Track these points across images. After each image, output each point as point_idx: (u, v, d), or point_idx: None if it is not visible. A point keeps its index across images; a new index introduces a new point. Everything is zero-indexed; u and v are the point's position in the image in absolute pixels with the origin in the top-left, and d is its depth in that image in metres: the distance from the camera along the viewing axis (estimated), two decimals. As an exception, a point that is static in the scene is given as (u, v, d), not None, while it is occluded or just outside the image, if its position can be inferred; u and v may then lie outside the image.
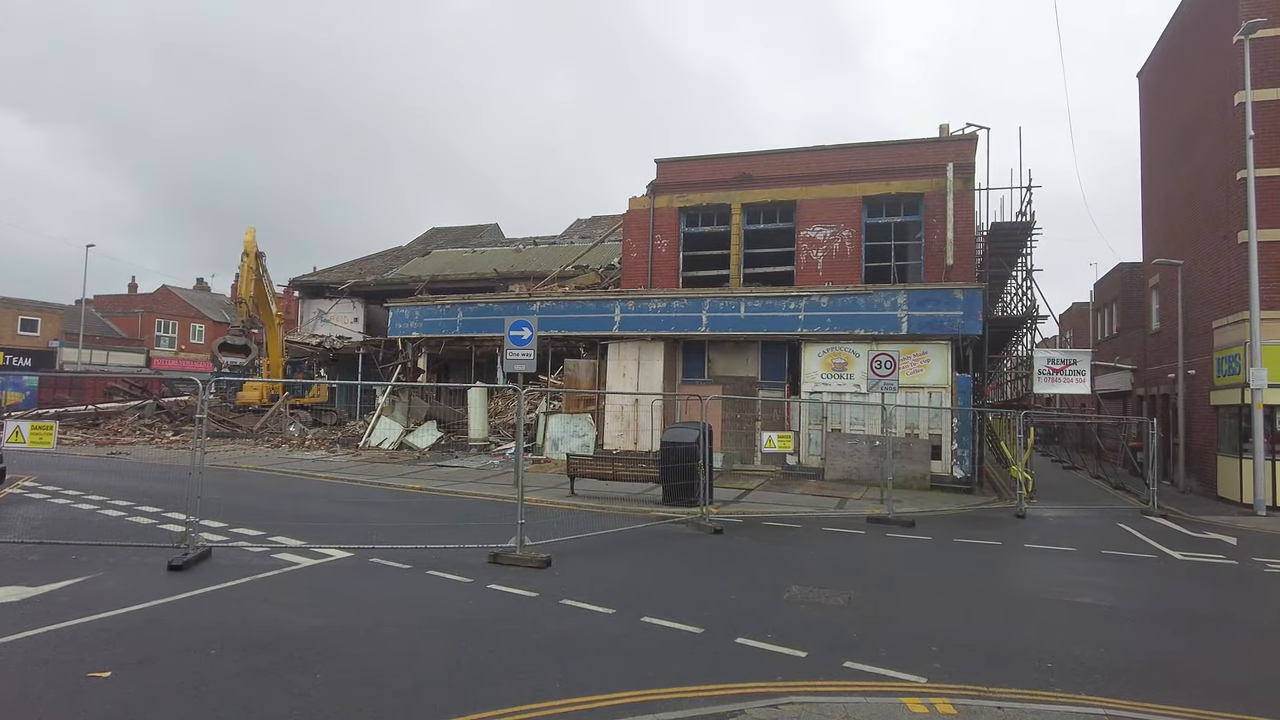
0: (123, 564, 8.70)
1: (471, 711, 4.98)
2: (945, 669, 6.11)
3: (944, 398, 19.09)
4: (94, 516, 11.93)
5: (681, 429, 15.20)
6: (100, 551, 9.22)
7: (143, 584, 7.84)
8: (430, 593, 8.07)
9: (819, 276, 21.60)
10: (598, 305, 22.87)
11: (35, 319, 48.29)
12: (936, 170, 20.46)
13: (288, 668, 5.66)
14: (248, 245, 30.52)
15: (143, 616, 6.82)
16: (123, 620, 6.68)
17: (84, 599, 7.27)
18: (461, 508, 14.04)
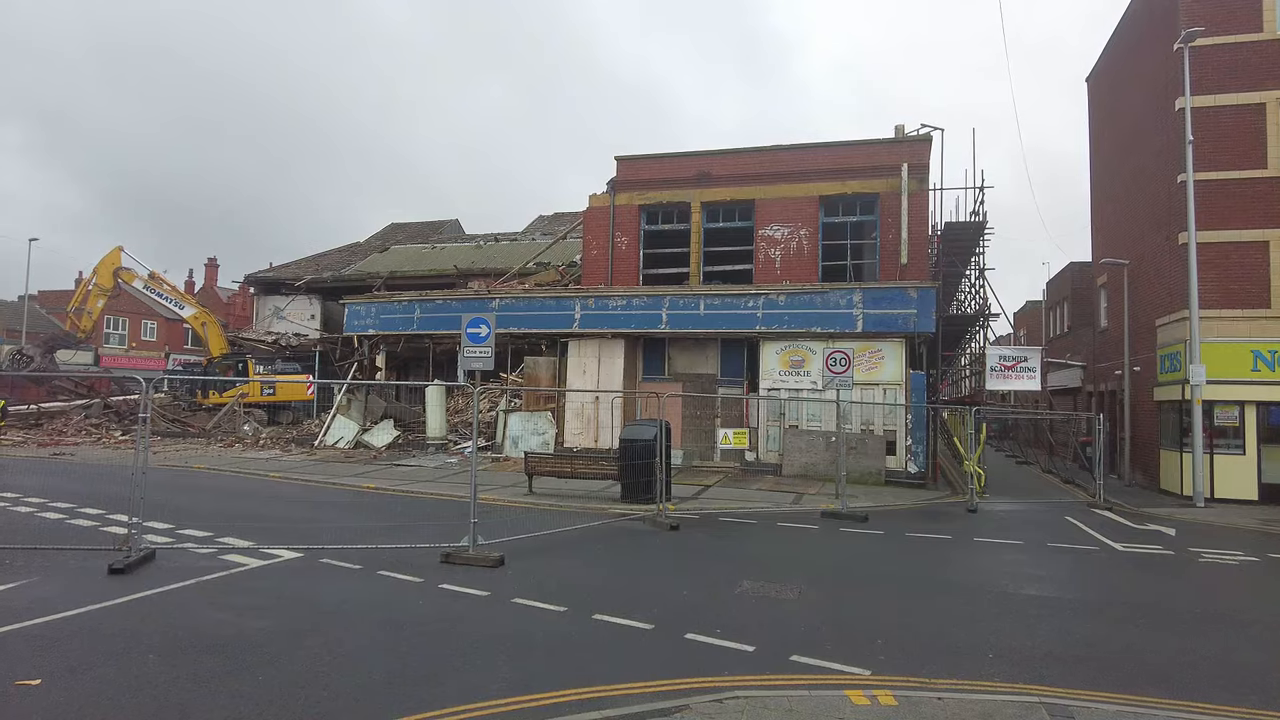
0: (61, 568, 8.47)
1: (417, 711, 4.96)
2: (890, 661, 6.24)
3: (898, 394, 19.40)
4: (32, 519, 11.58)
5: (639, 426, 15.23)
6: (37, 555, 8.96)
7: (80, 588, 7.64)
8: (380, 593, 8.00)
9: (777, 275, 21.79)
10: (558, 303, 22.80)
11: (-24, 315, 46.65)
12: (892, 171, 20.77)
13: (230, 672, 5.56)
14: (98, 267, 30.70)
15: (78, 622, 6.64)
16: (57, 626, 6.51)
17: (16, 605, 7.06)
18: (417, 507, 13.92)
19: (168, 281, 33.83)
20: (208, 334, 32.83)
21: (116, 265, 31.40)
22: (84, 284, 31.39)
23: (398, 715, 4.89)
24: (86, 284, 31.65)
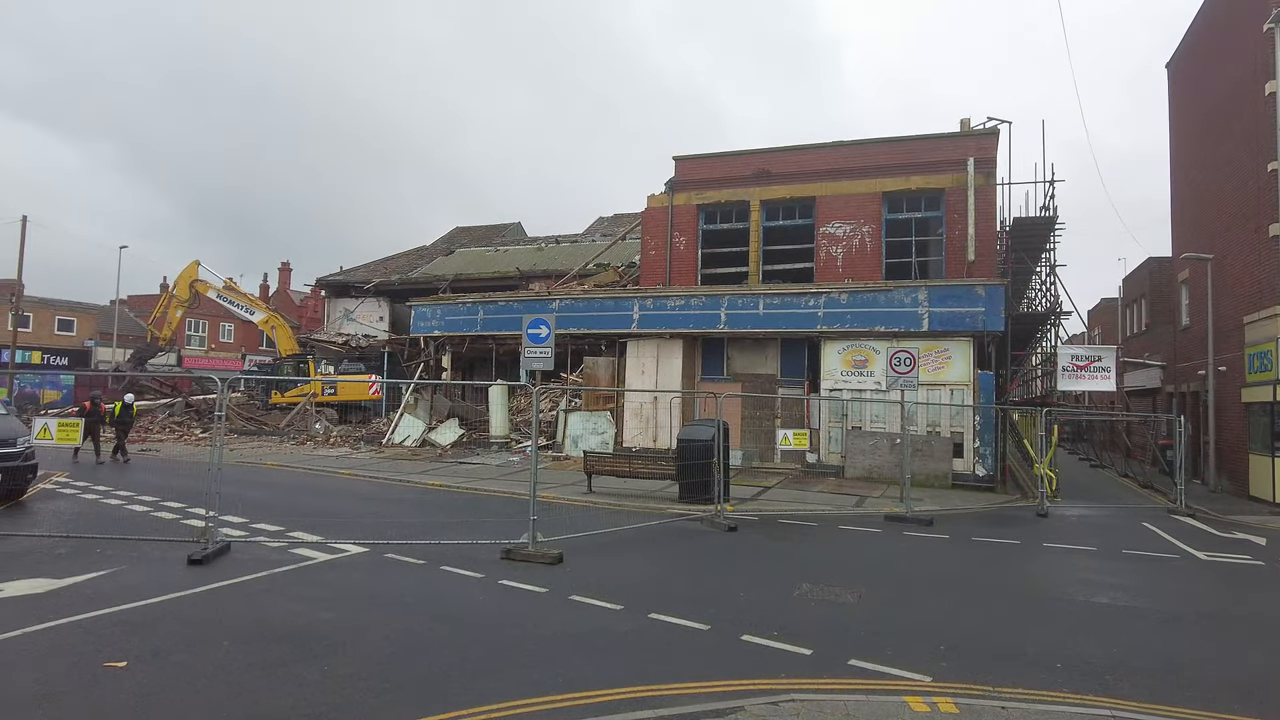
0: (145, 558, 8.91)
1: (474, 705, 5.04)
2: (952, 668, 6.08)
3: (966, 395, 18.89)
4: (120, 512, 12.22)
5: (697, 426, 15.20)
6: (124, 545, 9.45)
7: (162, 577, 8.03)
8: (441, 588, 8.17)
9: (839, 273, 21.46)
10: (616, 303, 22.93)
11: (71, 319, 49.39)
12: (957, 165, 20.23)
13: (297, 660, 5.76)
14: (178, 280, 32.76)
15: (160, 609, 6.98)
16: (141, 612, 6.85)
17: (105, 592, 7.46)
18: (479, 504, 14.17)
19: (239, 290, 35.44)
20: (277, 336, 34.08)
21: (193, 278, 33.14)
22: (165, 295, 33.24)
23: (455, 708, 4.99)
24: (167, 295, 33.41)
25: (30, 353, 44.11)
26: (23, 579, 7.82)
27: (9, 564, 8.46)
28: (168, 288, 61.36)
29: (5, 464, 12.09)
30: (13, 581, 7.71)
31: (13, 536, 9.99)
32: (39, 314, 46.93)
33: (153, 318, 34.54)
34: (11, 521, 11.14)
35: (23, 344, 41.24)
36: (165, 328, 33.31)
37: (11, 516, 11.57)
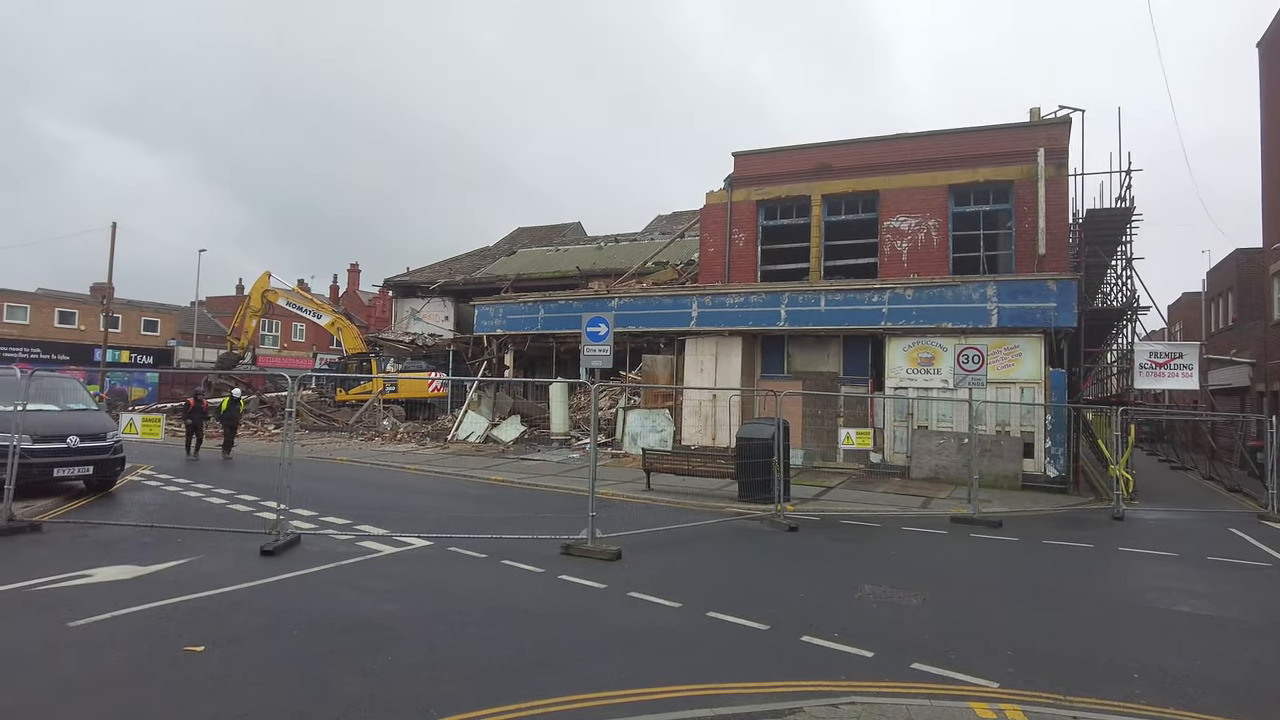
0: (221, 548, 9.28)
1: (532, 698, 5.10)
2: (1020, 675, 5.88)
3: (1036, 393, 18.27)
4: (199, 504, 12.77)
5: (757, 425, 15.07)
6: (202, 536, 9.87)
7: (236, 567, 8.36)
8: (502, 581, 8.29)
9: (903, 268, 21.00)
10: (675, 301, 22.90)
11: (155, 320, 51.84)
12: (1027, 156, 19.57)
13: (362, 650, 5.93)
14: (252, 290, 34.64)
15: (234, 597, 7.26)
16: (217, 600, 7.14)
17: (185, 579, 7.81)
18: (540, 500, 14.34)
19: (307, 295, 36.97)
20: (342, 337, 35.17)
21: (265, 288, 34.75)
22: (242, 306, 34.93)
23: (514, 700, 5.05)
24: (244, 306, 35.01)
25: (119, 352, 46.45)
26: (112, 565, 8.25)
27: (100, 551, 8.93)
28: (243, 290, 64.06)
29: (96, 457, 12.75)
30: (103, 568, 8.14)
31: (103, 525, 10.56)
32: (126, 315, 49.38)
33: (232, 328, 36.18)
34: (102, 511, 11.77)
35: (112, 343, 43.46)
36: (243, 338, 34.84)
37: (102, 506, 12.21)
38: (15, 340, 43.11)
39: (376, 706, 4.91)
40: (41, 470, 11.87)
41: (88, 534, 10.03)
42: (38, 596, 7.18)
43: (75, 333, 46.20)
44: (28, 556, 8.65)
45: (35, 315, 45.11)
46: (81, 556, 8.64)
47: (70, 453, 12.42)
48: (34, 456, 11.53)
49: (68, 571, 7.95)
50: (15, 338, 43.32)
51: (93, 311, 46.06)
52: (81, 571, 7.97)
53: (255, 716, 4.72)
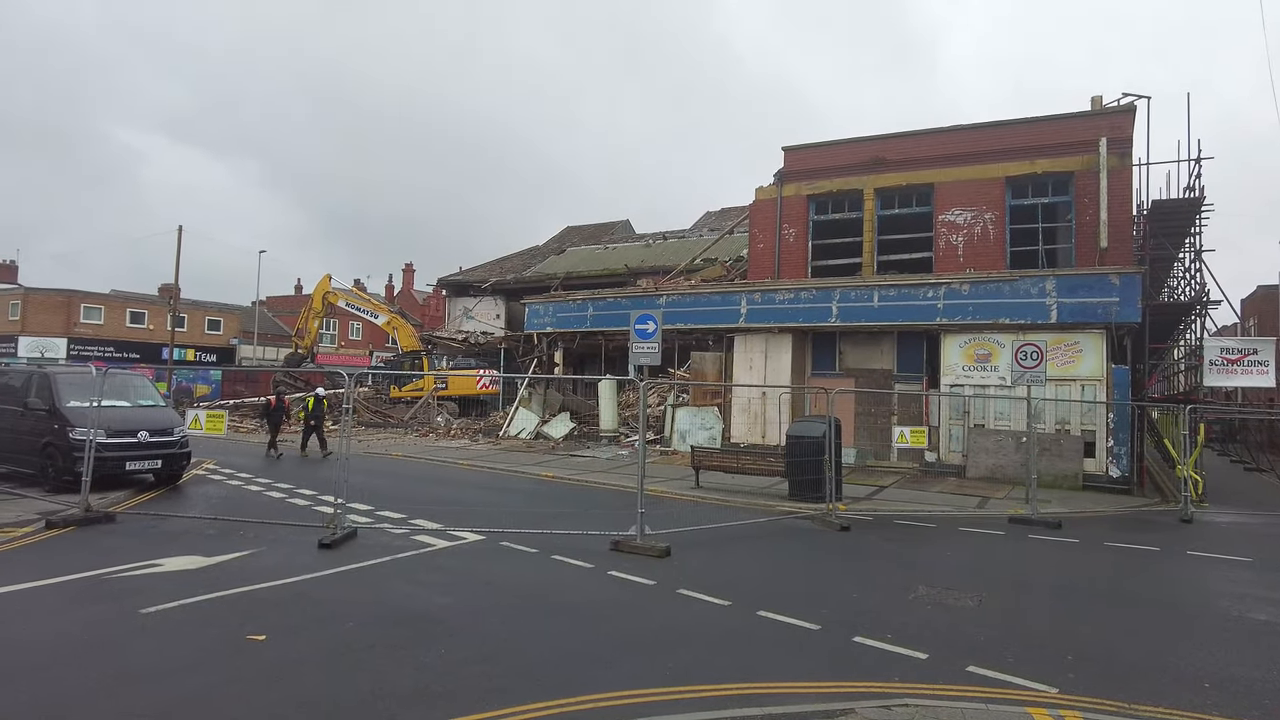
0: (281, 541, 9.56)
1: (582, 692, 5.14)
2: (1080, 680, 5.72)
3: (1098, 391, 17.69)
4: (260, 497, 13.17)
5: (808, 423, 14.92)
6: (263, 529, 10.17)
7: (296, 559, 8.60)
8: (553, 576, 8.38)
9: (959, 263, 20.53)
10: (723, 298, 22.78)
11: (219, 319, 53.61)
12: (1088, 146, 18.93)
13: (416, 643, 6.04)
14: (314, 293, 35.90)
15: (294, 589, 7.48)
16: (277, 591, 7.36)
17: (248, 570, 8.07)
18: (589, 496, 14.43)
19: (365, 296, 38.00)
20: (398, 336, 35.95)
21: (325, 290, 35.92)
22: (305, 309, 36.17)
23: (564, 694, 5.10)
24: (306, 309, 36.14)
25: (185, 350, 48.15)
26: (180, 556, 8.57)
27: (168, 542, 9.29)
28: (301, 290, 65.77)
29: (164, 451, 13.26)
30: (172, 558, 8.47)
31: (171, 517, 10.97)
32: (192, 315, 51.18)
33: (296, 329, 37.35)
34: (170, 504, 12.23)
35: (178, 342, 45.10)
36: (307, 337, 35.92)
37: (169, 499, 12.68)
38: (91, 339, 45.06)
39: (431, 698, 5.00)
40: (115, 464, 12.41)
41: (157, 525, 10.43)
42: (113, 584, 7.50)
43: (145, 332, 48.07)
44: (103, 545, 9.03)
45: (109, 315, 47.08)
46: (152, 547, 8.99)
47: (141, 447, 12.94)
48: (108, 450, 12.05)
49: (139, 560, 8.29)
50: (91, 337, 45.27)
51: (160, 312, 47.85)
52: (152, 561, 8.30)
53: (314, 706, 4.85)
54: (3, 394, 13.95)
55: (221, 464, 17.28)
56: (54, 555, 8.65)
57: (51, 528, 9.84)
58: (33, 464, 12.98)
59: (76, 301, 45.87)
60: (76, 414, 12.24)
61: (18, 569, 7.97)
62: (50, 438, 12.58)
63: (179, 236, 40.87)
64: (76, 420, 12.11)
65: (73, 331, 44.74)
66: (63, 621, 6.39)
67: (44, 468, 12.71)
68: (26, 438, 13.06)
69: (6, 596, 7.03)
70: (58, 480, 12.29)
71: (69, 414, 12.44)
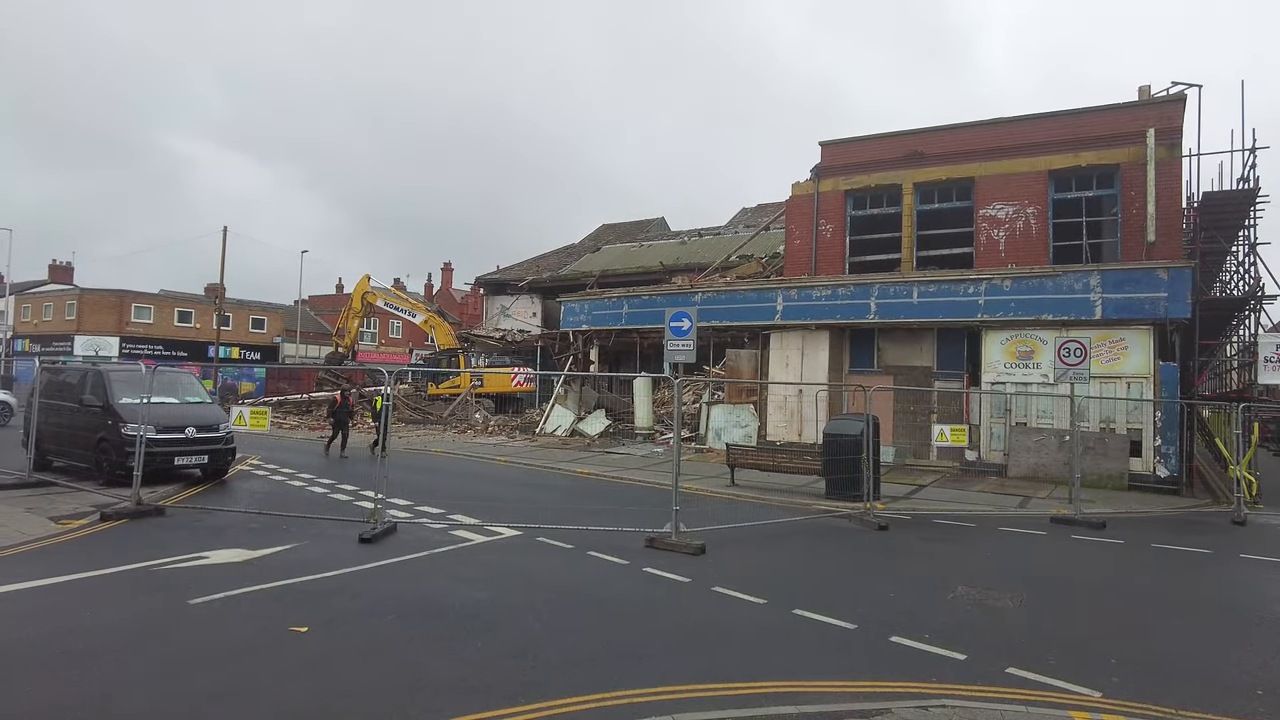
0: (323, 535, 9.75)
1: (617, 688, 5.17)
2: (1125, 684, 5.59)
3: (1145, 388, 17.25)
4: (303, 492, 13.43)
5: (845, 421, 14.79)
6: (306, 523, 10.39)
7: (337, 553, 8.77)
8: (588, 572, 8.43)
9: (1000, 258, 20.17)
10: (759, 295, 22.67)
11: (263, 318, 54.76)
12: (1135, 138, 18.45)
13: (454, 636, 6.13)
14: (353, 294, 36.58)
15: (335, 582, 7.63)
16: (319, 584, 7.51)
17: (290, 563, 8.25)
18: (624, 493, 14.48)
19: (403, 296, 38.68)
20: (435, 334, 36.43)
21: (365, 290, 36.55)
22: (345, 310, 36.94)
23: (600, 689, 5.13)
24: (346, 309, 36.88)
25: (230, 348, 49.29)
26: (225, 549, 8.79)
27: (214, 536, 9.53)
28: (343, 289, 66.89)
29: (210, 447, 13.61)
30: (218, 550, 8.70)
31: (217, 511, 11.26)
32: (237, 314, 52.37)
33: (336, 329, 38.12)
34: (216, 498, 12.54)
35: (224, 341, 46.20)
36: (347, 337, 36.63)
37: (215, 494, 13.01)
38: (141, 338, 46.38)
39: (468, 691, 5.07)
40: (164, 458, 12.78)
41: (204, 519, 10.72)
42: (163, 575, 7.73)
43: (192, 330, 49.31)
44: (154, 538, 9.31)
45: (158, 315, 48.40)
46: (199, 539, 9.24)
47: (188, 443, 13.31)
48: (158, 446, 12.42)
49: (187, 553, 8.53)
50: (141, 335, 46.60)
51: (207, 311, 49.06)
52: (199, 553, 8.54)
53: (355, 697, 4.95)
54: (60, 391, 14.45)
55: (265, 459, 17.66)
56: (108, 546, 8.94)
57: (106, 520, 10.16)
58: (88, 458, 13.44)
59: (128, 301, 47.23)
60: (128, 410, 12.63)
61: (76, 559, 8.27)
62: (104, 433, 13.00)
63: (224, 237, 41.89)
64: (128, 416, 12.49)
65: (124, 330, 46.09)
66: (117, 610, 6.60)
67: (98, 462, 13.14)
68: (83, 433, 13.52)
69: (66, 585, 7.30)
70: (111, 474, 12.70)
71: (121, 410, 12.84)
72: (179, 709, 4.68)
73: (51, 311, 47.67)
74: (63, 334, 45.39)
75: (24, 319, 49.28)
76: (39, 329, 47.65)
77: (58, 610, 6.59)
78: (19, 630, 6.03)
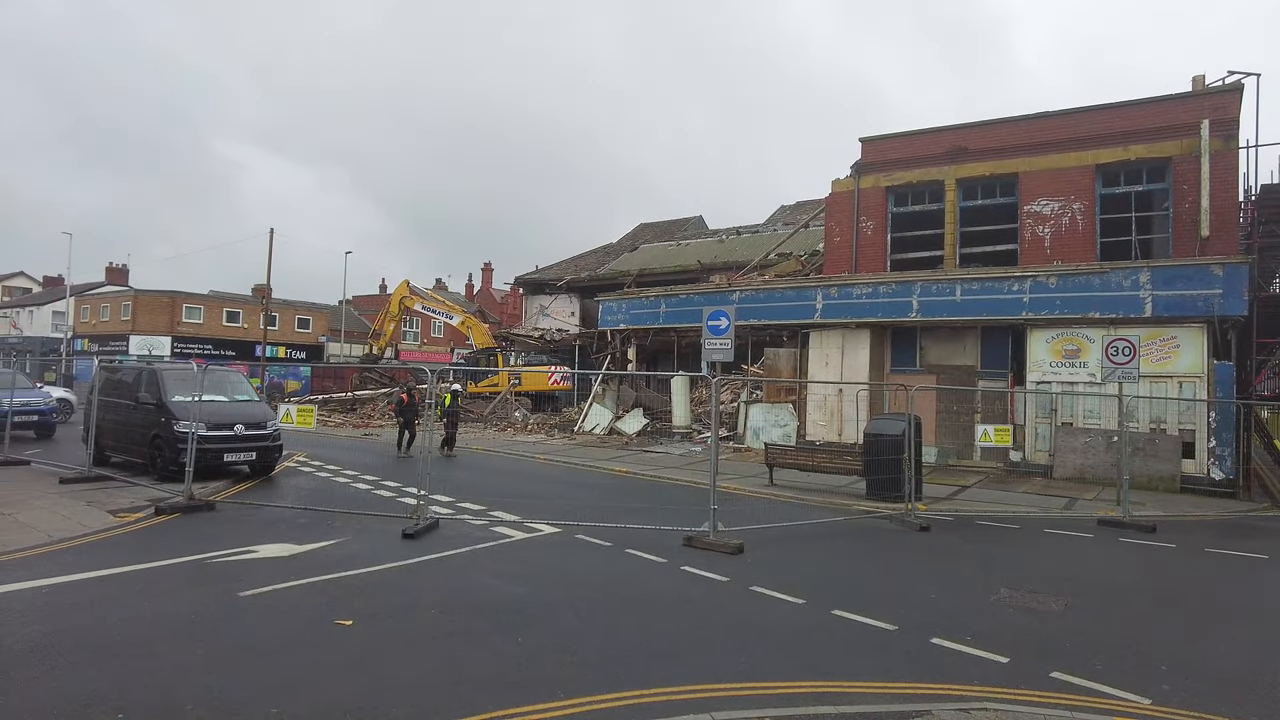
0: (367, 530, 9.95)
1: (655, 685, 5.20)
2: (1176, 691, 5.46)
3: (1198, 388, 16.75)
4: (348, 489, 13.71)
5: (887, 420, 14.63)
6: (350, 519, 10.61)
7: (381, 548, 8.95)
8: (626, 570, 8.48)
9: (1046, 255, 19.76)
10: (798, 293, 22.50)
11: (308, 318, 55.92)
12: (1188, 130, 17.91)
13: (494, 631, 6.23)
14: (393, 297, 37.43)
15: (379, 576, 7.79)
16: (363, 579, 7.68)
17: (336, 558, 8.44)
18: (662, 491, 14.51)
19: (440, 299, 39.32)
20: (472, 334, 36.86)
21: (403, 295, 37.23)
22: (382, 312, 37.79)
23: (637, 686, 5.17)
24: (384, 312, 37.64)
25: (277, 348, 50.44)
26: (273, 543, 9.03)
27: (262, 530, 9.79)
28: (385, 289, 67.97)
29: (258, 444, 13.95)
30: (266, 545, 8.93)
31: (265, 506, 11.56)
32: (283, 314, 53.57)
33: (372, 331, 38.82)
34: (264, 494, 12.87)
35: (271, 340, 47.29)
36: (382, 339, 37.42)
37: (263, 489, 13.35)
38: (191, 337, 47.70)
39: (507, 685, 5.15)
40: (215, 455, 13.14)
41: (252, 514, 11.01)
42: (214, 568, 7.97)
43: (240, 330, 50.55)
44: (205, 532, 9.59)
45: (207, 315, 49.73)
46: (248, 534, 9.50)
47: (237, 440, 13.67)
48: (208, 443, 12.77)
49: (237, 547, 8.77)
50: (191, 335, 47.93)
51: (254, 311, 50.24)
52: (248, 547, 8.77)
53: (397, 689, 5.05)
54: (117, 389, 14.94)
55: (311, 456, 18.06)
56: (163, 539, 9.23)
57: (160, 514, 10.50)
58: (142, 454, 13.89)
59: (179, 302, 48.60)
60: (180, 408, 13.01)
61: (133, 551, 8.57)
62: (158, 430, 13.42)
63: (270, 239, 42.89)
64: (180, 414, 12.88)
65: (176, 330, 47.46)
66: (171, 601, 6.83)
67: (152, 458, 13.57)
68: (138, 430, 13.97)
69: (124, 576, 7.57)
70: (164, 470, 13.10)
71: (174, 408, 13.24)
72: (233, 699, 4.83)
73: (108, 312, 49.28)
74: (119, 334, 46.88)
75: (83, 319, 51.01)
76: (97, 329, 49.29)
77: (117, 599, 6.84)
78: (82, 617, 6.27)
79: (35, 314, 55.23)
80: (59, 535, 9.14)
